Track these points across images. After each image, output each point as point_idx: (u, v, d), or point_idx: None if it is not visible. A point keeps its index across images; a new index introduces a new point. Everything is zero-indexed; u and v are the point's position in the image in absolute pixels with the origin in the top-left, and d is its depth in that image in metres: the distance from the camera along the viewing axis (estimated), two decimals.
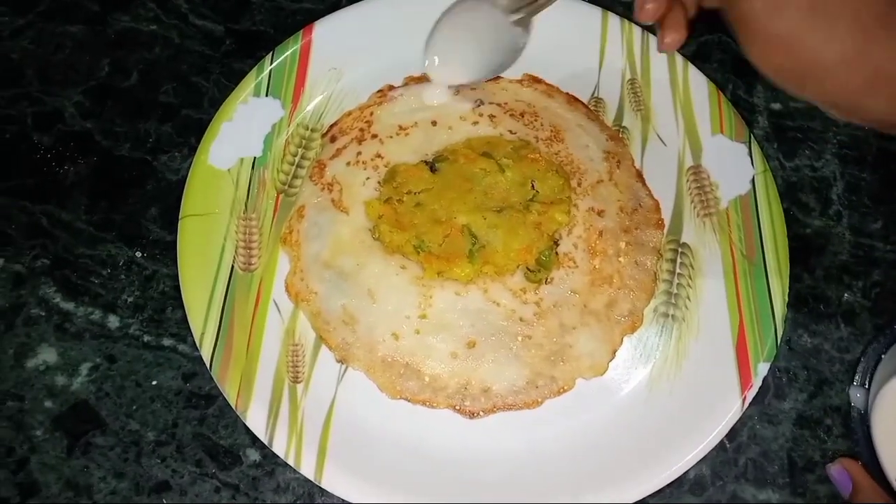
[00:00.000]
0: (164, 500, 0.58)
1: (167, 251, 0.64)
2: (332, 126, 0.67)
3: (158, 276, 0.64)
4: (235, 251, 0.62)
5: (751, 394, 0.57)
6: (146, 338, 0.62)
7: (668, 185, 0.66)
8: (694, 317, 0.61)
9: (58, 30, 0.72)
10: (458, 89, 0.67)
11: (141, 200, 0.66)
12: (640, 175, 0.66)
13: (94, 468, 0.58)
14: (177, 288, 0.62)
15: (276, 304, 0.61)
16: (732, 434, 0.57)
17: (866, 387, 0.55)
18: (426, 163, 0.65)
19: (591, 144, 0.66)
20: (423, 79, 0.68)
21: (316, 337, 0.60)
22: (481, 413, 0.58)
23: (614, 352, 0.60)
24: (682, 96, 0.67)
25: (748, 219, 0.63)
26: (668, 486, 0.56)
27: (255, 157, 0.65)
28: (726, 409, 0.57)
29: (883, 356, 0.55)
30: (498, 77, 0.69)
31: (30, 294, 0.63)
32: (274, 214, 0.64)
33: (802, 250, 0.65)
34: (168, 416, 0.60)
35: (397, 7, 0.70)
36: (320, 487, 0.55)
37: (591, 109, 0.68)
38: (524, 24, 0.64)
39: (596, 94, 0.69)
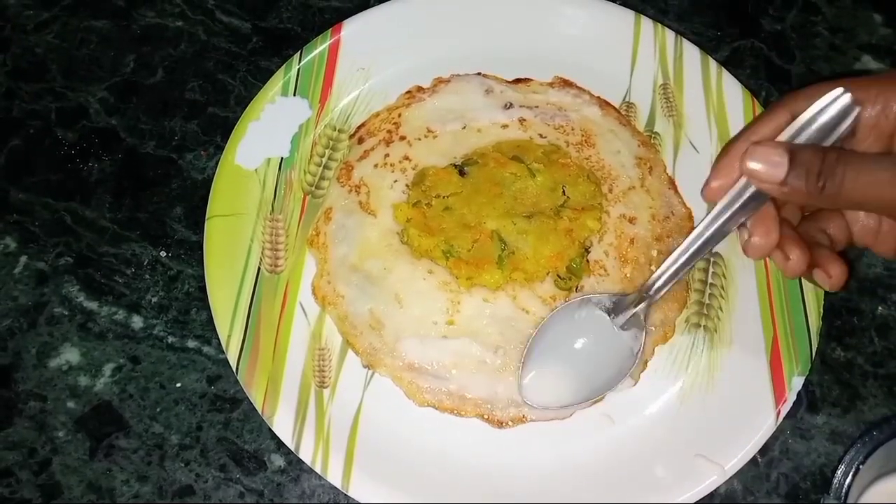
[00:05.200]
0: None
1: (192, 251, 0.64)
2: (359, 127, 0.66)
3: (183, 277, 0.63)
4: (262, 253, 0.61)
5: (785, 408, 0.56)
6: (170, 339, 0.61)
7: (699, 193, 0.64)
8: (726, 328, 0.60)
9: (82, 24, 0.72)
10: (488, 90, 0.67)
11: (166, 199, 0.66)
12: (672, 182, 0.65)
13: (116, 471, 0.58)
14: (201, 289, 0.61)
15: (302, 306, 0.60)
16: (764, 448, 0.56)
17: (841, 500, 0.53)
18: (455, 166, 0.64)
19: (623, 150, 0.65)
20: (450, 80, 0.68)
21: (342, 341, 0.60)
22: (510, 423, 0.57)
23: (646, 363, 0.59)
24: (715, 103, 0.66)
25: None
26: (699, 500, 0.55)
27: (282, 158, 0.64)
28: (760, 423, 0.56)
29: (861, 466, 0.53)
30: (528, 80, 0.68)
31: (53, 292, 0.62)
32: (301, 216, 0.63)
33: None
34: (192, 419, 0.59)
35: (426, 7, 0.69)
36: (346, 494, 0.54)
37: (623, 114, 0.67)
38: (635, 324, 0.56)
39: (627, 99, 0.68)
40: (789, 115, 0.45)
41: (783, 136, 0.45)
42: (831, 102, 0.44)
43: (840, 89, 0.44)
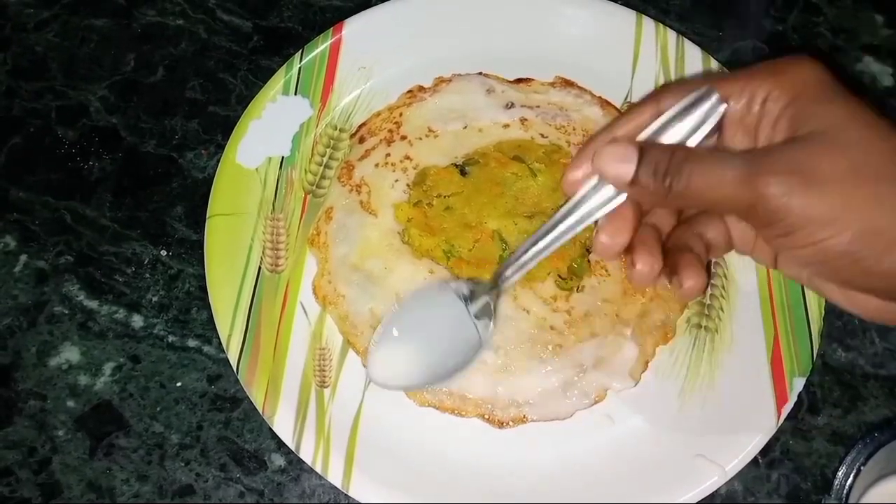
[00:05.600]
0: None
1: (193, 250, 0.64)
2: (360, 126, 0.66)
3: (184, 276, 0.63)
4: (263, 252, 0.61)
5: (786, 409, 0.56)
6: (171, 338, 0.61)
7: None
8: (728, 329, 0.60)
9: (83, 23, 0.71)
10: (489, 89, 0.66)
11: (166, 198, 0.66)
12: None
13: (116, 470, 0.57)
14: (202, 288, 0.61)
15: (302, 306, 0.60)
16: (765, 449, 0.56)
17: (842, 502, 0.53)
18: (456, 166, 0.64)
19: None
20: (451, 80, 0.68)
21: (343, 341, 0.60)
22: (510, 423, 0.57)
23: (647, 363, 0.59)
24: None
25: None
26: (700, 501, 0.55)
27: (283, 157, 0.64)
28: (761, 424, 0.56)
29: (863, 467, 0.53)
30: (529, 80, 0.68)
31: (53, 291, 0.62)
32: (301, 215, 0.63)
33: None
34: (192, 418, 0.59)
35: (428, 6, 0.69)
36: (346, 494, 0.54)
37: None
38: (486, 313, 0.53)
39: (629, 99, 0.68)
40: (656, 111, 0.44)
41: (645, 134, 0.43)
42: (697, 100, 0.42)
43: (706, 87, 0.42)
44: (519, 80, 0.68)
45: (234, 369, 0.56)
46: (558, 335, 0.59)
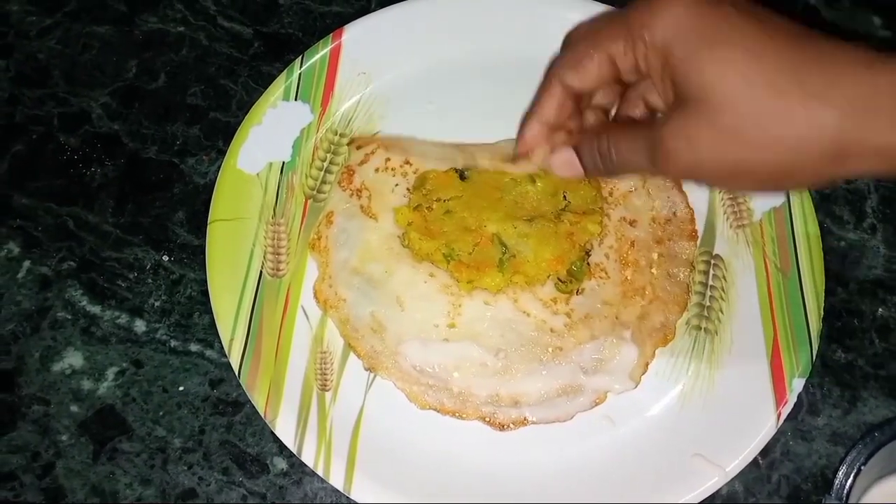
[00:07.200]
0: None
1: (194, 255, 0.64)
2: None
3: (186, 281, 0.63)
4: (264, 257, 0.61)
5: (786, 410, 0.56)
6: (173, 343, 0.62)
7: (700, 195, 0.65)
8: (727, 330, 0.60)
9: (85, 30, 0.72)
10: None
11: (168, 204, 0.66)
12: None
13: (120, 474, 0.58)
14: (204, 293, 0.62)
15: (304, 310, 0.61)
16: (765, 450, 0.57)
17: (843, 501, 0.53)
18: (456, 170, 0.64)
19: None
20: None
21: (344, 344, 0.60)
22: (511, 425, 0.57)
23: (647, 365, 0.59)
24: None
25: (782, 231, 0.62)
26: (701, 502, 0.55)
27: (283, 162, 0.64)
28: (761, 425, 0.56)
29: (863, 467, 0.53)
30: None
31: (56, 297, 0.63)
32: (302, 220, 0.63)
33: (836, 263, 0.64)
34: (195, 422, 0.59)
35: (427, 11, 0.69)
36: (348, 497, 0.55)
37: None
38: None
39: None
40: (563, 90, 0.52)
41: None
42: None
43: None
44: None
45: (236, 373, 0.57)
46: (558, 338, 0.59)
